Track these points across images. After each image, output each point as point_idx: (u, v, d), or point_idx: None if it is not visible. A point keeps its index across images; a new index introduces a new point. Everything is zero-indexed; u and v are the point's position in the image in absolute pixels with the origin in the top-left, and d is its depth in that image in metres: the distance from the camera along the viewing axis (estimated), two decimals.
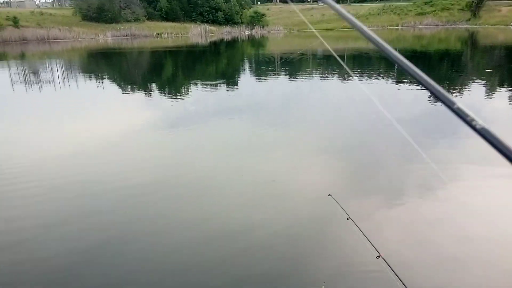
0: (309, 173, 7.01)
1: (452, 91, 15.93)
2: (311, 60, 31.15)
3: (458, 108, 0.79)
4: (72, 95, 17.42)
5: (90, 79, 22.30)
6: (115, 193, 6.33)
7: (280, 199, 6.03)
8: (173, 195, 6.31)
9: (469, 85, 17.37)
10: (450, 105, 0.80)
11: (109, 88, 19.45)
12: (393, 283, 2.43)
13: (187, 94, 17.20)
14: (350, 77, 20.97)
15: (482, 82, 18.07)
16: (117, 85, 20.86)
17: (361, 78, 20.93)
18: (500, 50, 33.29)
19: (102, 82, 21.64)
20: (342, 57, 32.19)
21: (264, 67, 27.27)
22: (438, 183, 6.27)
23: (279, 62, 28.80)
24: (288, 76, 21.67)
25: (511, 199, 5.72)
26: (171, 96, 16.69)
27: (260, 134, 9.78)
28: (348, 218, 3.08)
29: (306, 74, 22.48)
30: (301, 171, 7.15)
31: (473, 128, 0.75)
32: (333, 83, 19.53)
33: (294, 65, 26.81)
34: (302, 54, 32.90)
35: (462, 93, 15.40)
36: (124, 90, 18.90)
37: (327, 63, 28.99)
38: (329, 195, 3.61)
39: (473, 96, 14.32)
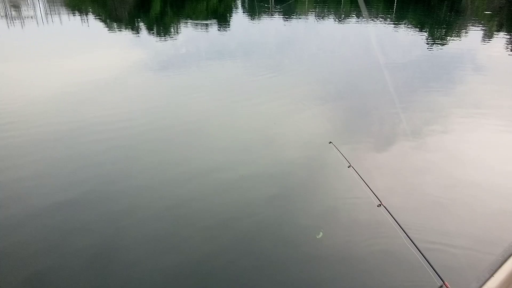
0: (306, 118, 6.93)
1: (449, 35, 15.55)
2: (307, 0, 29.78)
3: None
4: (56, 32, 16.60)
5: (73, 15, 21.16)
6: (105, 134, 6.23)
7: (275, 144, 5.99)
8: (164, 137, 6.24)
9: (466, 28, 16.93)
10: None
11: (94, 25, 18.54)
12: (393, 230, 2.49)
13: (177, 33, 16.51)
14: (346, 19, 20.24)
15: (480, 25, 17.61)
16: (103, 22, 19.87)
17: (359, 18, 20.21)
18: None
19: (87, 18, 20.58)
20: None
21: (261, 3, 26.07)
22: (431, 131, 6.30)
23: (273, 1, 27.51)
24: (283, 16, 20.82)
25: (494, 148, 5.80)
26: (160, 36, 16.02)
27: (254, 78, 9.55)
28: (349, 166, 3.05)
29: (302, 15, 21.61)
30: (297, 116, 7.06)
31: None
32: (329, 24, 18.86)
33: (289, 4, 25.65)
34: None
35: (459, 38, 15.04)
36: (110, 27, 18.05)
37: (323, 3, 27.83)
38: (330, 142, 3.54)
39: (469, 41, 14.00)
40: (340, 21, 19.67)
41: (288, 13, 21.71)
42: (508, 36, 15.13)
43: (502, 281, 1.66)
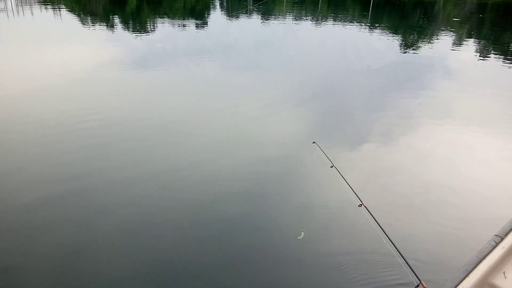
0: (289, 118, 6.93)
1: (421, 40, 16.04)
2: (285, 0, 29.96)
3: None
4: (28, 25, 16.00)
5: (46, 8, 20.44)
6: (79, 132, 6.04)
7: (257, 144, 5.95)
8: (140, 136, 6.10)
9: (437, 34, 17.51)
10: None
11: (67, 19, 17.99)
12: (373, 230, 2.53)
13: (154, 30, 16.25)
14: (324, 21, 20.52)
15: (451, 31, 18.27)
16: (76, 16, 19.32)
17: (335, 21, 20.52)
18: None
19: (60, 12, 19.95)
20: None
21: (237, 6, 26.03)
22: (408, 134, 6.48)
23: (252, 1, 27.51)
24: (261, 17, 20.86)
25: (463, 150, 6.03)
26: (136, 32, 15.71)
27: (233, 77, 9.53)
28: (332, 166, 3.06)
29: (280, 16, 21.73)
30: (280, 115, 7.04)
31: None
32: (307, 26, 19.04)
33: (267, 5, 25.73)
34: None
35: (431, 43, 15.53)
36: (84, 22, 17.57)
37: (301, 5, 28.10)
38: (314, 142, 3.52)
39: (440, 47, 14.48)
40: (317, 23, 19.89)
41: (266, 13, 21.80)
42: (475, 43, 15.74)
43: (476, 281, 1.72)
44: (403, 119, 7.14)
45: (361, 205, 2.65)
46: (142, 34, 15.14)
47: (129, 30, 16.06)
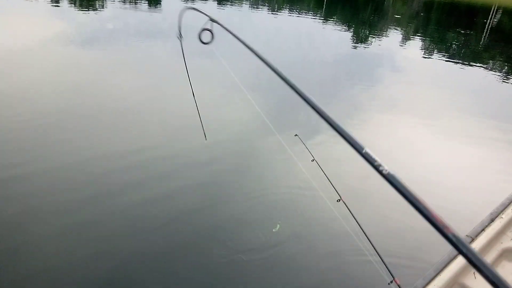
0: (247, 105, 6.73)
1: (371, 35, 16.61)
2: None
3: (366, 153, 0.80)
4: None
5: None
6: (13, 109, 5.46)
7: (230, 134, 5.67)
8: (84, 120, 5.56)
9: (386, 30, 18.21)
10: (359, 150, 0.82)
11: None
12: (350, 225, 2.51)
13: (103, 8, 15.25)
14: (280, 10, 20.52)
15: (397, 28, 19.14)
16: None
17: (291, 11, 20.61)
18: None
19: None
20: None
21: None
22: (390, 127, 6.63)
23: None
24: (217, 2, 20.40)
25: (444, 148, 6.22)
26: (83, 8, 14.66)
27: (189, 62, 9.17)
28: (313, 160, 2.98)
29: (236, 2, 21.40)
30: (238, 102, 6.82)
31: (380, 173, 0.77)
32: (263, 14, 18.92)
33: None
34: None
35: (380, 38, 16.12)
36: None
37: None
38: (296, 135, 3.36)
39: (386, 42, 15.09)
40: (273, 12, 19.86)
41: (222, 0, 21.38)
42: (419, 40, 16.60)
43: (447, 280, 1.76)
44: (386, 112, 7.27)
45: (339, 200, 2.62)
46: (90, 12, 14.17)
47: (76, 7, 14.94)
